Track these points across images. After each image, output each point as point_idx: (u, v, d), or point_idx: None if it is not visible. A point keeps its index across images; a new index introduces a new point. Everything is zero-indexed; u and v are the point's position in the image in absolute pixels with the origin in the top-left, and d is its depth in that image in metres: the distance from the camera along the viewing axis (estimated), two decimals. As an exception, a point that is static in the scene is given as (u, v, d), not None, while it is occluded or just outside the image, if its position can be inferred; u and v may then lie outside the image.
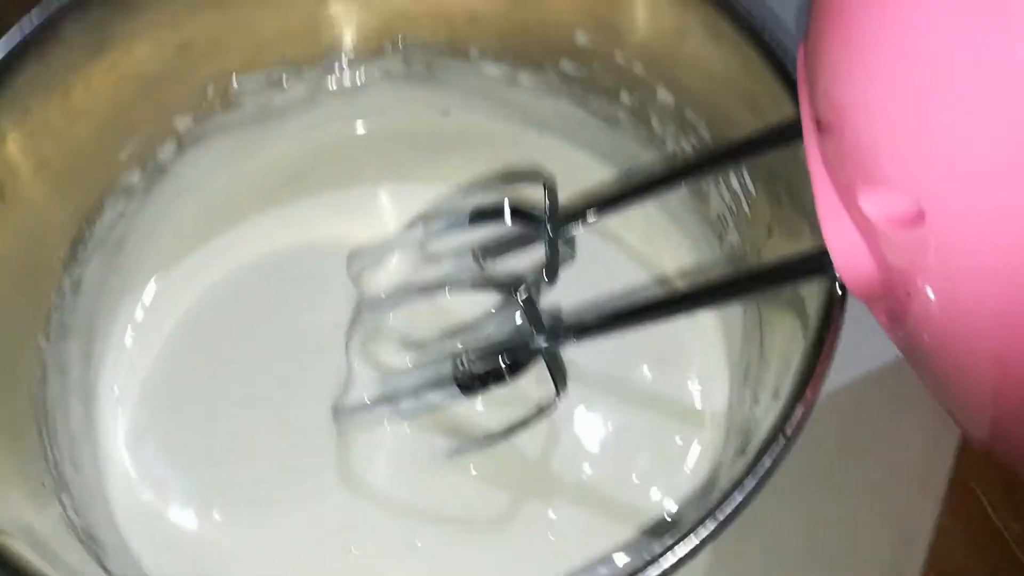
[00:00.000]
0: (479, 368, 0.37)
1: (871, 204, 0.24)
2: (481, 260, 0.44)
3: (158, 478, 0.43)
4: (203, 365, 0.46)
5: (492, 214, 0.40)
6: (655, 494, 0.42)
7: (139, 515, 0.43)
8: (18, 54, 0.38)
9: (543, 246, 0.39)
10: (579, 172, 0.50)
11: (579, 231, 0.40)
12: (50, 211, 0.42)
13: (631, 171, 0.48)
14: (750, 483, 0.28)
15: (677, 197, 0.46)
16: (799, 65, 0.30)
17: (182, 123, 0.46)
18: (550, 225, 0.39)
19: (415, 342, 0.45)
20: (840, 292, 0.31)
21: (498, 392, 0.37)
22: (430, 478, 0.42)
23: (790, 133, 0.33)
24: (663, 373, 0.44)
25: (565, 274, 0.40)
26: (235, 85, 0.46)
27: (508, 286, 0.39)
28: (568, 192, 0.49)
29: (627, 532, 0.41)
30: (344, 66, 0.48)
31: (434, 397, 0.40)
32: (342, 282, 0.47)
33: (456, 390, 0.38)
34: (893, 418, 0.45)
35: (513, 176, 0.49)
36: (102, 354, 0.46)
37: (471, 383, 0.37)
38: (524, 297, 0.37)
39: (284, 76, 0.47)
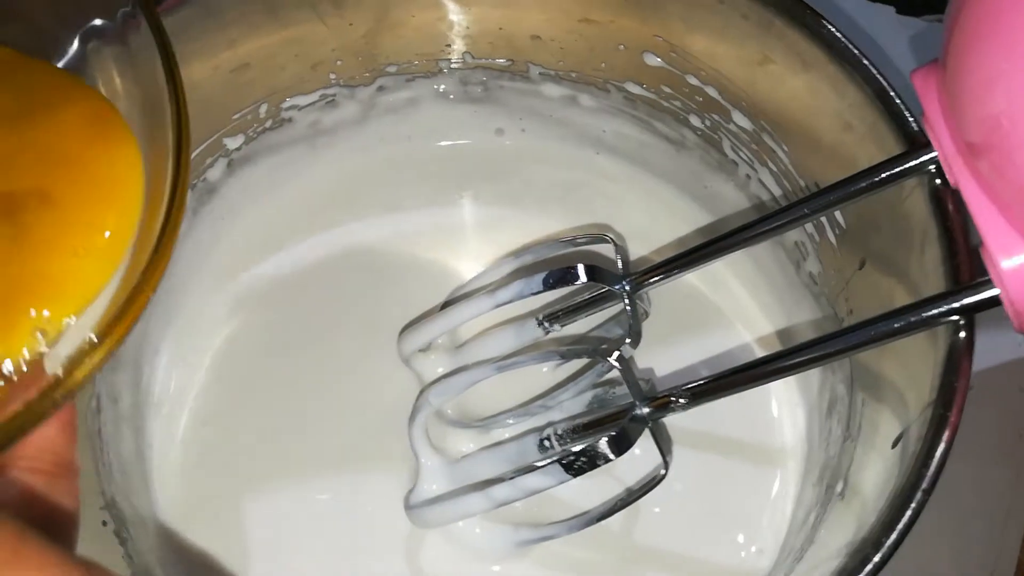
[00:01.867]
0: (576, 445, 0.34)
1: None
2: (547, 326, 0.41)
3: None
4: (252, 389, 0.44)
5: (565, 278, 0.37)
6: (744, 543, 0.40)
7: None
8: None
9: (621, 306, 0.38)
10: (640, 194, 0.48)
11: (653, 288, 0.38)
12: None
13: (712, 224, 0.47)
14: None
15: (743, 218, 0.45)
16: (927, 92, 0.29)
17: (233, 143, 0.44)
18: (628, 284, 0.38)
19: (482, 422, 0.41)
20: (967, 335, 0.29)
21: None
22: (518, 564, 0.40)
23: (902, 168, 0.32)
24: (740, 410, 0.42)
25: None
26: (288, 104, 0.45)
27: (598, 352, 0.37)
28: (628, 217, 0.48)
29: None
30: (398, 85, 0.47)
31: (533, 482, 0.35)
32: (392, 303, 0.45)
33: (557, 472, 0.34)
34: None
35: (572, 236, 0.46)
36: (150, 380, 0.44)
37: (577, 463, 0.33)
38: (621, 365, 0.35)
39: (337, 95, 0.46)
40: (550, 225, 0.48)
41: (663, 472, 0.34)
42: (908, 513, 0.27)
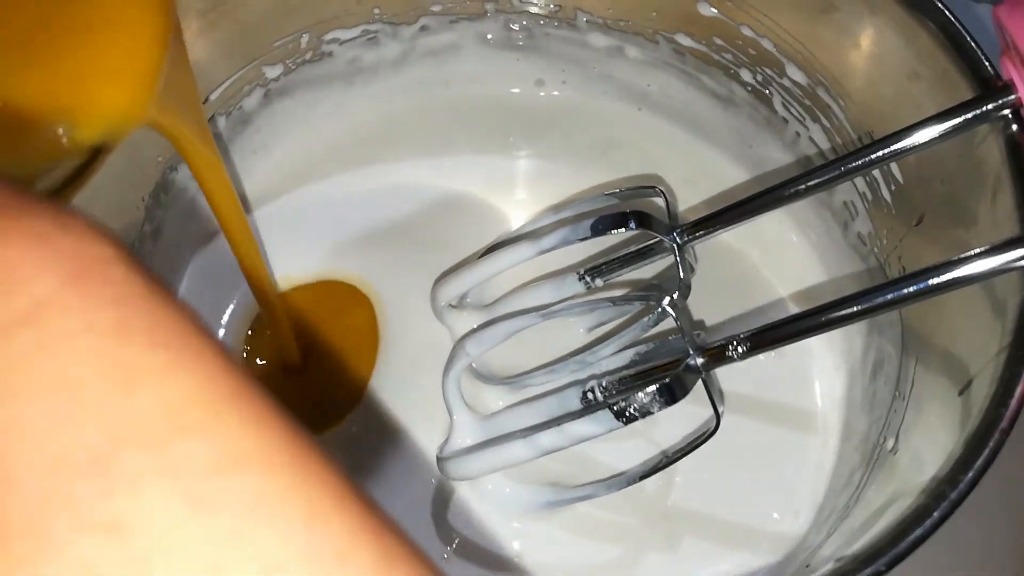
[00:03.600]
0: (628, 395, 0.32)
1: None
2: (589, 281, 0.39)
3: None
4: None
5: (615, 223, 0.36)
6: (779, 506, 0.39)
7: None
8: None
9: (665, 261, 0.37)
10: (680, 154, 0.47)
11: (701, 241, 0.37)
12: (139, 152, 0.38)
13: (758, 176, 0.45)
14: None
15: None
16: (1018, 28, 0.28)
17: (272, 72, 0.43)
18: (678, 235, 0.36)
19: (516, 378, 0.39)
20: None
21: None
22: (543, 525, 0.38)
23: (976, 114, 0.31)
24: (779, 374, 0.41)
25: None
26: (329, 37, 0.43)
27: (649, 300, 0.35)
28: (669, 175, 0.47)
29: (761, 559, 0.38)
30: (441, 26, 0.45)
31: (581, 429, 0.33)
32: (423, 245, 0.44)
33: (607, 418, 0.32)
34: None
35: (618, 186, 0.44)
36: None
37: (628, 410, 0.31)
38: (676, 312, 0.33)
39: (379, 32, 0.44)
40: (588, 181, 0.47)
41: (715, 426, 0.33)
42: (986, 451, 0.26)
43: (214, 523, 0.14)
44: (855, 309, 0.30)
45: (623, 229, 0.36)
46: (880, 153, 0.33)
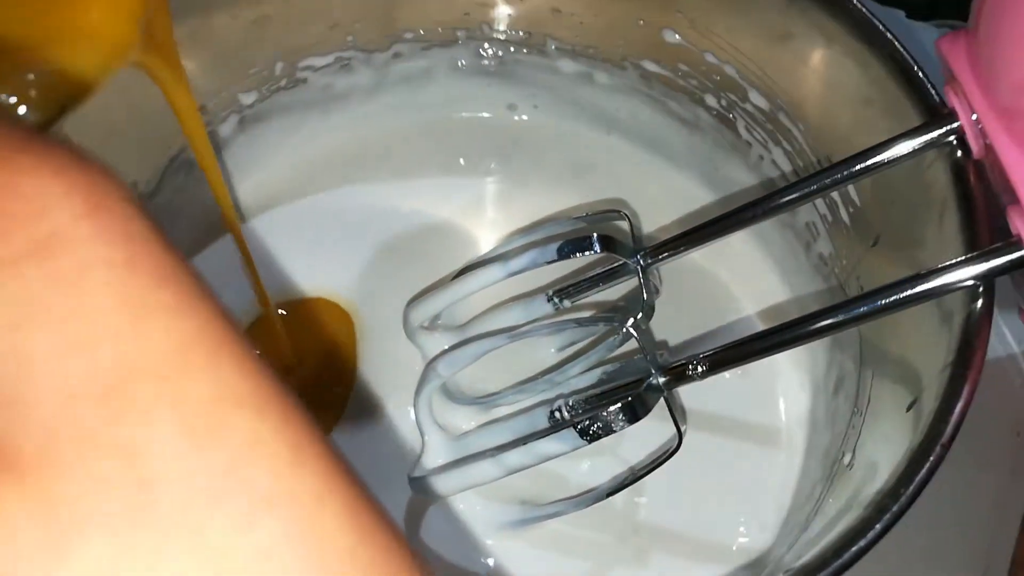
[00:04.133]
0: (592, 413, 0.33)
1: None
2: (557, 302, 0.40)
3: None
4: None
5: (581, 246, 0.37)
6: (745, 520, 0.40)
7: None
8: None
9: (631, 282, 0.37)
10: (650, 176, 0.48)
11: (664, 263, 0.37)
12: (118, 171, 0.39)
13: (726, 197, 0.47)
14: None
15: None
16: (956, 59, 0.29)
17: (247, 99, 0.44)
18: (642, 257, 0.37)
19: (487, 398, 0.40)
20: (986, 300, 0.29)
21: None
22: (515, 543, 0.39)
23: (923, 140, 0.32)
24: (745, 391, 0.42)
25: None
26: (303, 64, 0.44)
27: (613, 322, 0.36)
28: (639, 198, 0.48)
29: (729, 573, 0.39)
30: (414, 53, 0.47)
31: (547, 447, 0.33)
32: (394, 271, 0.45)
33: (571, 437, 0.32)
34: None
35: (586, 210, 0.46)
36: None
37: (592, 429, 0.32)
38: (638, 333, 0.34)
39: (352, 59, 0.45)
40: (559, 204, 0.48)
41: (677, 443, 0.34)
42: (927, 465, 0.27)
43: (213, 456, 0.15)
44: (810, 328, 0.31)
45: (588, 252, 0.36)
46: (836, 176, 0.34)
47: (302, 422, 0.17)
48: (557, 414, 0.36)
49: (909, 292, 0.29)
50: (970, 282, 0.29)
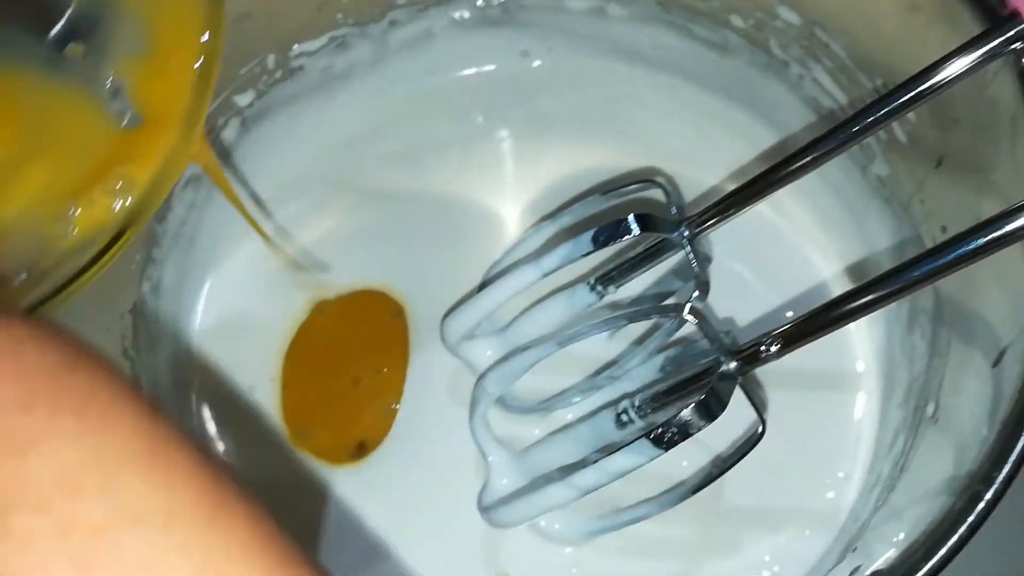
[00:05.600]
0: (660, 414, 0.31)
1: None
2: (601, 290, 0.37)
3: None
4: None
5: (617, 233, 0.33)
6: (829, 473, 0.37)
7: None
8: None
9: (679, 256, 0.34)
10: (685, 106, 0.45)
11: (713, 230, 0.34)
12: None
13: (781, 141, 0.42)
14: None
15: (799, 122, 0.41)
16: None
17: (244, 100, 0.42)
18: (686, 229, 0.34)
19: (546, 403, 0.38)
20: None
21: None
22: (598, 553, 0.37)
23: (982, 51, 0.28)
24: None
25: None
26: (296, 51, 0.42)
27: (668, 309, 0.33)
28: (680, 133, 0.44)
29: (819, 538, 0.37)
30: (411, 17, 0.43)
31: (621, 462, 0.31)
32: (431, 250, 0.43)
33: (647, 448, 0.30)
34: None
35: (615, 186, 0.40)
36: (188, 349, 0.43)
37: (667, 436, 0.30)
38: (695, 318, 0.31)
39: (347, 35, 0.42)
40: (594, 144, 0.44)
41: (760, 430, 0.31)
42: (1021, 444, 0.24)
43: None
44: (888, 291, 0.28)
45: (627, 237, 0.33)
46: (887, 109, 0.30)
47: (230, 524, 0.16)
48: (624, 416, 0.34)
49: (977, 244, 0.25)
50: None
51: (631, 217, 0.33)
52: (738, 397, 0.33)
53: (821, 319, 0.29)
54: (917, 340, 0.36)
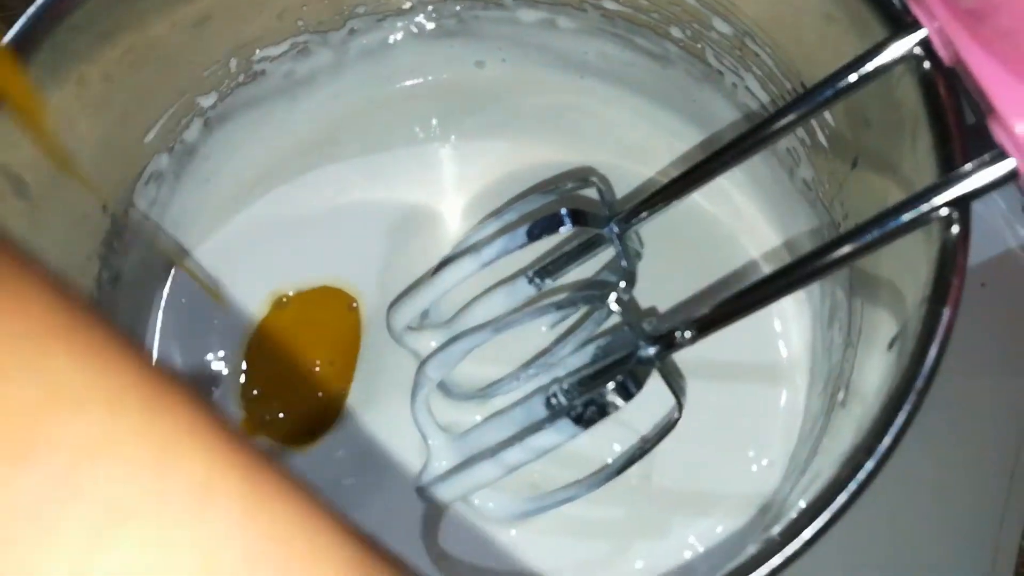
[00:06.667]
0: (586, 397, 0.32)
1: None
2: (539, 282, 0.38)
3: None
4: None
5: (550, 225, 0.35)
6: (754, 458, 0.39)
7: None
8: (25, 46, 0.35)
9: (612, 248, 0.36)
10: (629, 115, 0.47)
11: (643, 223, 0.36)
12: (80, 207, 0.39)
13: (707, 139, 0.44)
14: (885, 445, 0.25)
15: (735, 129, 0.43)
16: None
17: (207, 101, 0.43)
18: (616, 224, 0.36)
19: (485, 390, 0.40)
20: (961, 228, 0.28)
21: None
22: (534, 533, 0.39)
23: (888, 56, 0.30)
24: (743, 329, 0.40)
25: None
26: (258, 56, 0.44)
27: (594, 298, 0.35)
28: (624, 137, 0.46)
29: (745, 517, 0.38)
30: (370, 26, 0.45)
31: (544, 440, 0.33)
32: (383, 247, 0.45)
33: (567, 426, 0.32)
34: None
35: (553, 184, 0.44)
36: (142, 341, 0.44)
37: (586, 414, 0.31)
38: (619, 307, 0.33)
39: (308, 42, 0.44)
40: (540, 151, 0.46)
41: (676, 415, 0.33)
42: (902, 416, 0.26)
43: (43, 471, 0.13)
44: (791, 279, 0.30)
45: (560, 229, 0.35)
46: (807, 107, 0.32)
47: (179, 411, 0.14)
48: (553, 400, 0.35)
49: (879, 232, 0.28)
50: (944, 210, 0.27)
51: (563, 211, 0.35)
52: (666, 391, 0.35)
53: (729, 307, 0.31)
54: (835, 333, 0.38)
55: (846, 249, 0.29)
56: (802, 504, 0.27)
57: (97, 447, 0.13)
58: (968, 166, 0.27)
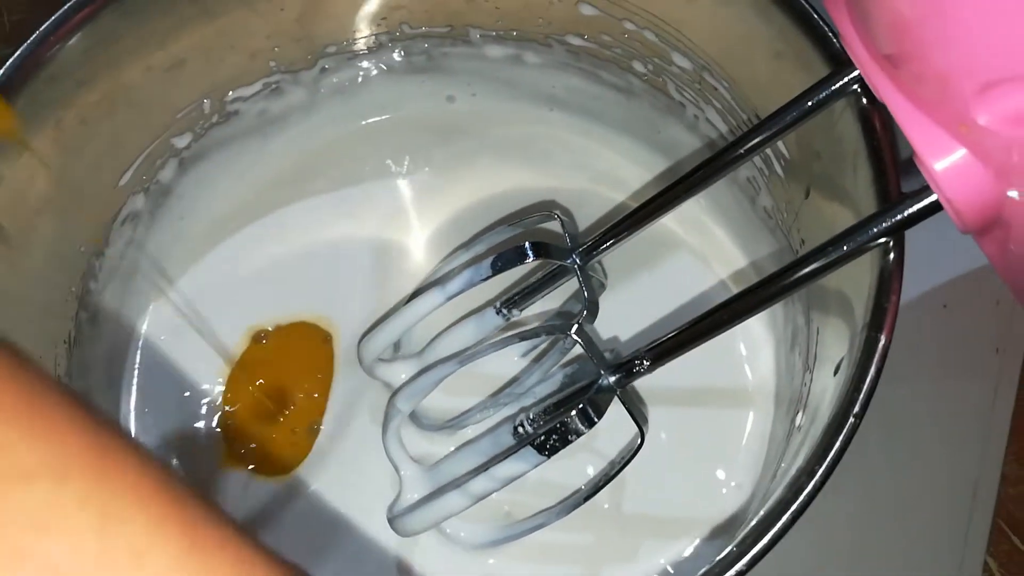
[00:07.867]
0: (549, 425, 0.32)
1: (989, 108, 0.22)
2: (507, 313, 0.39)
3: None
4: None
5: (514, 258, 0.36)
6: (720, 475, 0.40)
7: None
8: (4, 95, 0.36)
9: (575, 279, 0.37)
10: (597, 144, 0.48)
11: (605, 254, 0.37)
12: (57, 249, 0.40)
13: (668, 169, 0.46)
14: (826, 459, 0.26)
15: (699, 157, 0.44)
16: (837, 11, 0.28)
17: (181, 142, 0.44)
18: (578, 256, 0.37)
19: (455, 420, 0.40)
20: (896, 255, 0.29)
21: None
22: (498, 563, 0.39)
23: (828, 91, 0.31)
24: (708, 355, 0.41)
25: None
26: (231, 96, 0.45)
27: (556, 328, 0.36)
28: (593, 166, 0.48)
29: (711, 533, 0.39)
30: (340, 65, 0.46)
31: (509, 469, 0.34)
32: (357, 280, 0.46)
33: (531, 455, 0.32)
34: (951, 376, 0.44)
35: (517, 218, 0.44)
36: (121, 378, 0.45)
37: (549, 443, 0.32)
38: (581, 338, 0.34)
39: (281, 82, 0.46)
40: (512, 180, 0.47)
41: (639, 442, 0.34)
42: (839, 440, 0.26)
43: None
44: (742, 307, 0.31)
45: (524, 261, 0.36)
46: (759, 138, 0.33)
47: (124, 476, 0.15)
48: (520, 429, 0.36)
49: (825, 259, 0.29)
50: (881, 240, 0.29)
51: (527, 244, 0.36)
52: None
53: (684, 336, 0.31)
54: (796, 358, 0.38)
55: (791, 278, 0.30)
56: (744, 530, 0.28)
57: (43, 518, 0.15)
58: (902, 198, 0.28)
